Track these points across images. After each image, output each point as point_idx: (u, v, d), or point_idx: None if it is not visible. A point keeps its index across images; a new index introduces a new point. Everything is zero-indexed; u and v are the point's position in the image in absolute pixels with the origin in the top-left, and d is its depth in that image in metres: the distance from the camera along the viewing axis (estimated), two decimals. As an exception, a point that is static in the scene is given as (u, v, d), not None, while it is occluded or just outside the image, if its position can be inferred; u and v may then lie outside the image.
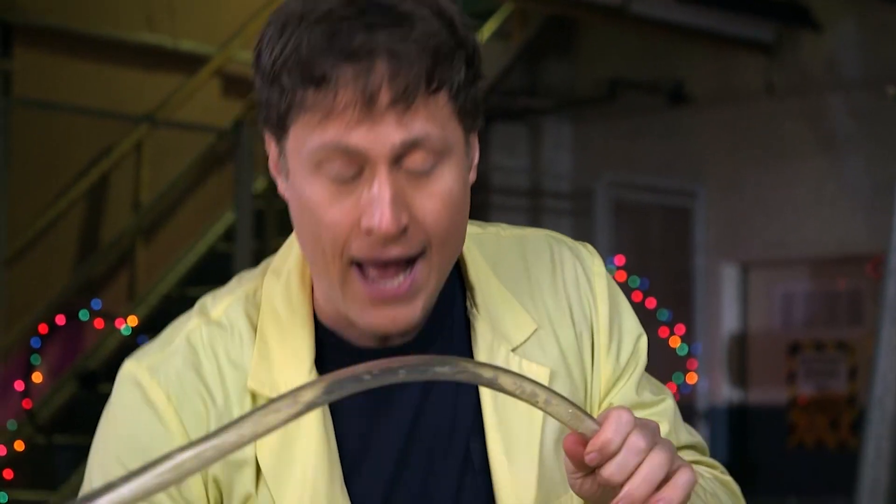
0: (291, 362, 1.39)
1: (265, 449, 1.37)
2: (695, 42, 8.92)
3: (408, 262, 1.33)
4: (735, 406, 8.97)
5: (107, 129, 7.84)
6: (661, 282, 9.04)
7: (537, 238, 1.52)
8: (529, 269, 1.49)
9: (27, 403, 7.12)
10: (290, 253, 1.46)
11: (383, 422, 1.41)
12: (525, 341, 1.44)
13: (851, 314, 8.79)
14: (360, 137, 1.29)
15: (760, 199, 8.97)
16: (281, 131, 1.35)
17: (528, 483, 1.41)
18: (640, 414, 1.43)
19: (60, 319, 7.32)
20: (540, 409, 1.18)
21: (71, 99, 7.65)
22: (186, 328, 1.43)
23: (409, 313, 1.34)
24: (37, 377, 7.21)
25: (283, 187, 1.40)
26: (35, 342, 7.24)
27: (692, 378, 8.84)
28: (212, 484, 1.37)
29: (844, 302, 8.85)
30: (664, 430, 1.47)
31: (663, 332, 8.64)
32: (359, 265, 1.33)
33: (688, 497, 1.23)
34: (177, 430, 1.37)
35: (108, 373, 7.11)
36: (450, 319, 1.44)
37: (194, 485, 1.37)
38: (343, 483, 1.38)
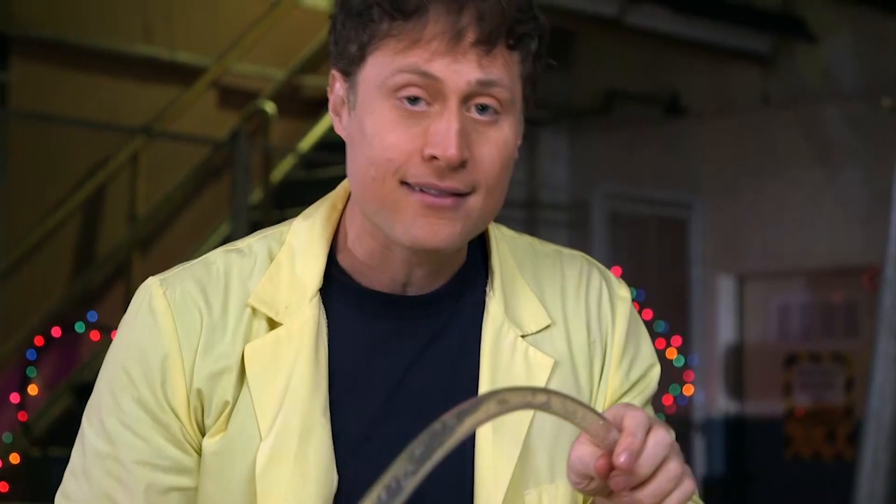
0: (297, 289, 1.47)
1: (255, 357, 1.45)
2: (691, 54, 8.93)
3: (455, 197, 1.41)
4: (732, 418, 8.96)
5: (103, 140, 7.84)
6: (657, 293, 9.04)
7: (572, 254, 1.60)
8: (555, 275, 1.56)
9: (23, 416, 7.11)
10: (323, 202, 1.54)
11: (378, 363, 1.47)
12: (537, 332, 1.51)
13: (848, 326, 8.79)
14: (441, 67, 1.38)
15: (757, 211, 8.97)
16: (357, 62, 1.42)
17: (507, 460, 1.45)
18: None
19: (56, 331, 7.31)
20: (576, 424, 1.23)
21: (68, 111, 7.65)
22: (210, 253, 1.53)
23: (450, 229, 1.41)
24: (32, 389, 7.20)
25: (342, 124, 1.47)
26: (31, 354, 7.23)
27: (689, 390, 8.84)
28: (194, 395, 1.44)
29: (841, 313, 8.85)
30: None
31: (660, 343, 8.64)
32: (409, 186, 1.41)
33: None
34: (169, 335, 1.45)
35: (105, 385, 7.10)
36: (469, 294, 1.51)
37: (178, 393, 1.44)
38: (327, 407, 1.44)
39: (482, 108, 1.41)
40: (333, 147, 8.17)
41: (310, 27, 8.89)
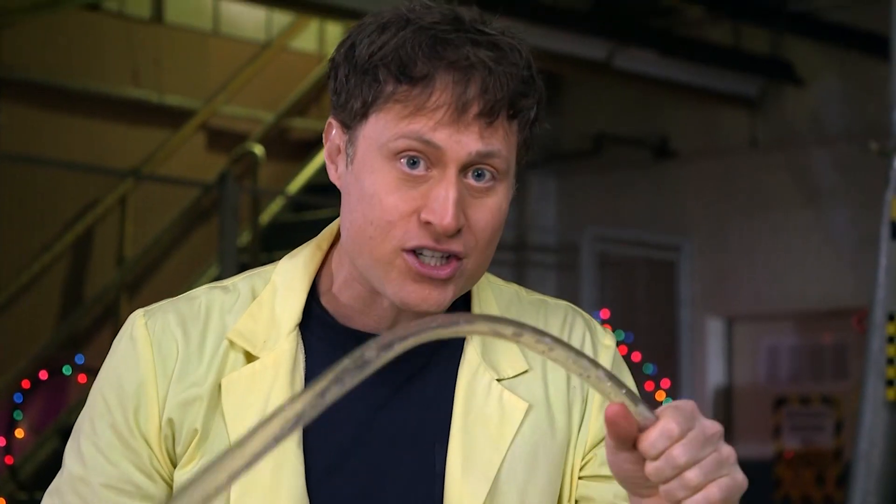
0: (276, 324, 1.51)
1: (231, 389, 1.49)
2: (679, 97, 8.96)
3: (448, 259, 1.45)
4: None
5: (91, 183, 7.84)
6: (646, 335, 9.03)
7: (557, 304, 1.62)
8: (538, 323, 1.57)
9: (9, 459, 7.06)
10: (309, 243, 1.58)
11: (353, 400, 1.45)
12: (513, 376, 1.53)
13: (837, 368, 8.78)
14: (444, 137, 1.42)
15: (745, 253, 8.98)
16: (359, 118, 1.46)
17: (475, 499, 1.47)
18: None
19: (43, 374, 7.28)
20: (591, 384, 1.19)
21: (56, 153, 7.65)
22: (196, 289, 1.58)
23: (440, 296, 1.45)
24: (19, 433, 7.17)
25: (337, 174, 1.51)
26: (17, 397, 7.19)
27: (660, 396, 8.80)
28: (166, 423, 1.48)
29: (830, 356, 8.84)
30: None
31: (649, 385, 8.62)
32: (407, 249, 1.45)
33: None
34: (146, 363, 1.49)
35: (91, 428, 7.07)
36: (450, 339, 1.52)
37: (151, 420, 1.49)
38: (300, 440, 1.47)
39: (479, 175, 1.45)
40: (322, 190, 8.19)
41: (298, 70, 8.92)
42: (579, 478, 1.53)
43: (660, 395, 8.71)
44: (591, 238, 9.11)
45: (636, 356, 8.63)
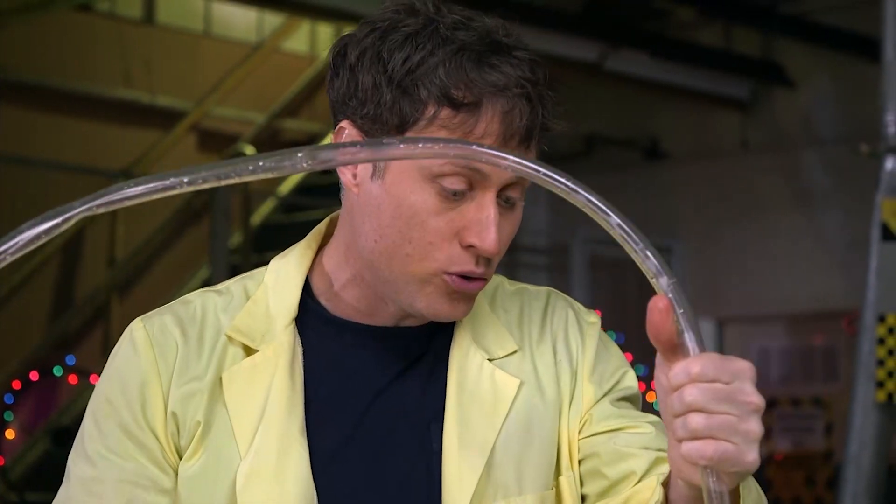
0: (273, 319, 1.54)
1: (232, 381, 1.52)
2: (670, 99, 8.97)
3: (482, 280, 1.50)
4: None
5: (83, 183, 7.83)
6: (637, 337, 9.02)
7: (538, 290, 1.66)
8: (522, 308, 1.63)
9: None
10: (300, 243, 1.61)
11: (353, 388, 1.53)
12: (504, 356, 1.57)
13: (827, 370, 8.80)
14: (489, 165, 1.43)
15: (736, 255, 8.99)
16: (396, 132, 1.45)
17: (472, 472, 1.50)
18: (618, 422, 1.56)
19: (34, 375, 7.27)
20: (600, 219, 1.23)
21: (47, 154, 7.65)
22: (189, 294, 1.61)
23: (468, 305, 1.51)
24: (10, 434, 7.16)
25: (356, 180, 1.50)
26: (8, 398, 7.19)
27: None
28: (170, 418, 1.51)
29: (820, 358, 8.86)
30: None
31: (640, 387, 8.61)
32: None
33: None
34: (148, 362, 1.52)
35: (82, 429, 7.06)
36: (443, 327, 1.58)
37: (157, 415, 1.51)
38: (303, 427, 1.50)
39: (507, 200, 1.49)
40: (313, 191, 8.18)
41: (290, 72, 8.91)
42: (581, 439, 1.56)
43: (651, 397, 8.70)
44: (582, 239, 9.11)
45: (628, 357, 8.60)
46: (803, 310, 8.73)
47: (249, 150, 8.10)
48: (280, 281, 1.56)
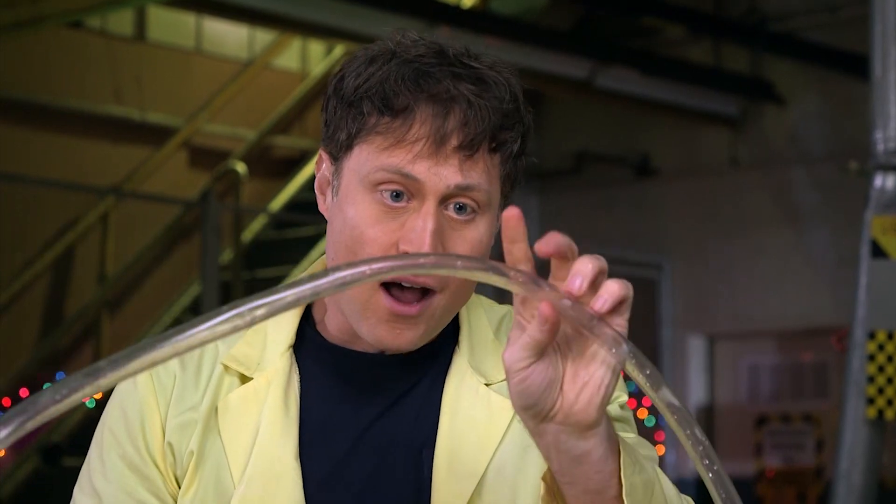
0: (269, 347, 1.55)
1: (227, 409, 1.52)
2: (660, 115, 8.99)
3: (424, 292, 1.47)
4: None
5: (73, 200, 7.83)
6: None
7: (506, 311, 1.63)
8: None
9: (-11, 477, 7.04)
10: (306, 272, 1.60)
11: (348, 414, 1.53)
12: (501, 381, 1.53)
13: (818, 386, 8.81)
14: (422, 170, 1.43)
15: (726, 272, 9.00)
16: (345, 150, 1.48)
17: (460, 498, 1.49)
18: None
19: (24, 392, 7.25)
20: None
21: (38, 171, 7.64)
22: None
23: (412, 335, 1.48)
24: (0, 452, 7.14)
25: (325, 204, 1.53)
26: (-2, 415, 7.16)
27: (660, 450, 8.83)
28: (167, 447, 1.52)
29: (810, 374, 8.87)
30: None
31: (631, 403, 8.58)
32: (383, 284, 1.46)
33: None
34: (147, 393, 1.53)
35: (72, 447, 7.05)
36: (441, 353, 1.57)
37: (157, 444, 1.52)
38: (297, 452, 1.51)
39: (460, 208, 1.45)
40: (304, 207, 8.18)
41: (280, 88, 8.92)
42: None
43: (642, 413, 8.71)
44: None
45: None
46: (793, 326, 8.74)
47: (240, 166, 8.10)
48: None
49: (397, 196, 1.44)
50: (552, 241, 1.26)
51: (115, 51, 8.18)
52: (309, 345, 1.56)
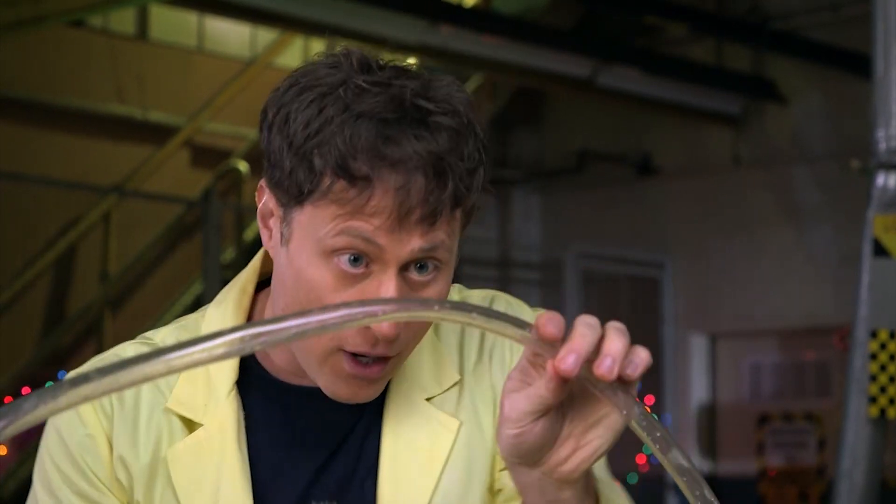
0: (213, 385, 1.46)
1: (178, 462, 1.44)
2: (662, 114, 8.99)
3: (381, 364, 1.40)
4: (705, 477, 8.93)
5: (75, 199, 7.83)
6: (629, 353, 9.03)
7: (483, 296, 1.55)
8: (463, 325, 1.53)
9: (-9, 476, 7.04)
10: (233, 286, 1.53)
11: (301, 453, 1.47)
12: (442, 392, 1.49)
13: (820, 385, 8.80)
14: (383, 238, 1.33)
15: (728, 271, 9.00)
16: (295, 202, 1.37)
17: None
18: None
19: (26, 390, 7.25)
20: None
21: (39, 170, 7.64)
22: (123, 344, 1.50)
23: (371, 392, 1.41)
24: (2, 450, 7.14)
25: (272, 242, 1.43)
26: None
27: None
28: (118, 462, 1.45)
29: (812, 373, 8.87)
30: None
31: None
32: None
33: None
34: (88, 415, 1.45)
35: (74, 445, 7.05)
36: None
37: (105, 464, 1.44)
38: (251, 498, 1.44)
39: (421, 267, 1.36)
40: (306, 206, 8.18)
41: (283, 87, 8.92)
42: (500, 470, 1.50)
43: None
44: (575, 255, 9.13)
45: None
46: (795, 325, 8.74)
47: (242, 165, 8.10)
48: None
49: (356, 261, 1.34)
50: (558, 324, 1.17)
51: (117, 50, 8.18)
52: (253, 380, 1.47)
